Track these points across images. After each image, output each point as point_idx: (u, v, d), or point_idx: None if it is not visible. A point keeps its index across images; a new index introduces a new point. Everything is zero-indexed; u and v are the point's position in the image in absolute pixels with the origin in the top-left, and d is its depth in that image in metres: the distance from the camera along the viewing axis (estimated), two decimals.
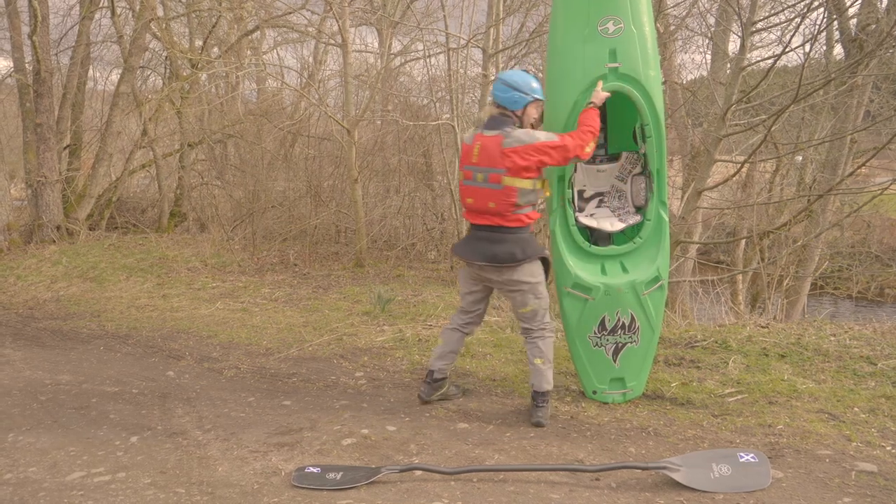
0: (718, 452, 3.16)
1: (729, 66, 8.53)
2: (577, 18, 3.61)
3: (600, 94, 3.60)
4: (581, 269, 3.81)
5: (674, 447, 3.40)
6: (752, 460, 3.03)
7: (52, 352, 5.49)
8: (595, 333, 3.88)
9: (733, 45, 9.78)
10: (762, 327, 5.15)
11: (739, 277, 10.46)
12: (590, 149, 3.52)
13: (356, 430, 3.66)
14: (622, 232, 4.05)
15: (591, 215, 4.10)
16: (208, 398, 4.29)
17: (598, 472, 3.08)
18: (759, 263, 8.55)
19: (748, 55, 6.29)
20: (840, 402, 3.84)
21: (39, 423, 3.86)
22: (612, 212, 4.14)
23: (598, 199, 4.21)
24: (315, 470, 3.12)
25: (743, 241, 10.88)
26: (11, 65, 10.73)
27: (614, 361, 3.94)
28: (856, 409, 3.74)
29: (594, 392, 4.03)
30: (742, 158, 7.49)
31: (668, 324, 6.14)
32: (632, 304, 3.83)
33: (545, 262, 3.74)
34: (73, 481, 3.10)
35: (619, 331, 3.88)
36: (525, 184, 3.49)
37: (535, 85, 3.60)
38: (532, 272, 3.62)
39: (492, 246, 3.59)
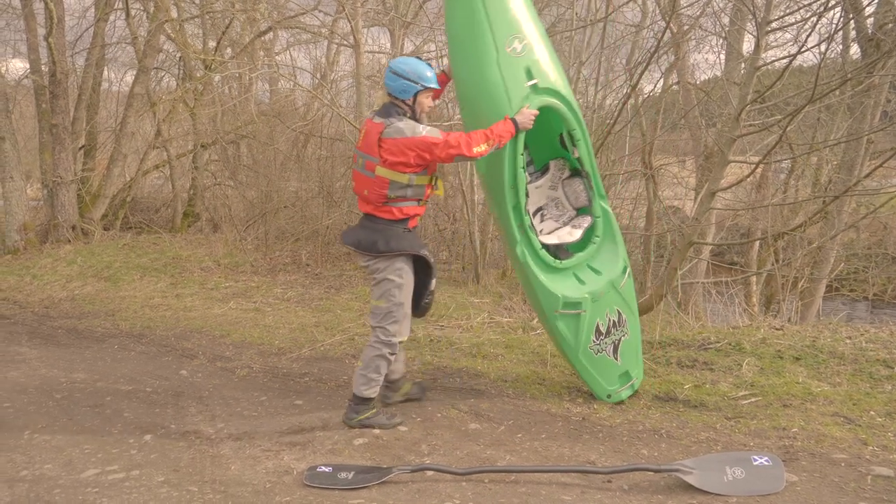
0: (732, 455, 3.13)
1: (743, 65, 8.46)
2: (484, 46, 3.47)
3: (527, 114, 3.49)
4: (564, 288, 3.79)
5: (687, 449, 3.38)
6: (767, 463, 3.00)
7: (68, 350, 5.54)
8: (594, 342, 3.90)
9: (748, 45, 9.73)
10: (777, 329, 5.11)
11: (753, 279, 10.38)
12: (480, 150, 3.34)
13: (368, 430, 3.66)
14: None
15: (550, 233, 4.03)
16: (221, 397, 4.31)
17: (611, 473, 3.06)
18: (773, 265, 8.48)
19: (763, 55, 6.22)
20: (856, 405, 3.80)
21: (55, 420, 3.89)
22: (556, 221, 4.14)
23: (539, 213, 4.23)
24: (327, 469, 3.12)
25: (757, 243, 10.80)
26: (28, 66, 10.85)
27: (616, 359, 3.99)
28: (872, 412, 3.70)
29: (608, 396, 4.02)
30: (756, 159, 7.42)
31: (681, 325, 6.11)
32: (615, 301, 3.92)
33: (427, 266, 3.63)
34: (87, 478, 3.12)
35: (613, 330, 3.95)
36: (399, 177, 3.36)
37: (428, 73, 3.43)
38: (396, 271, 3.50)
39: (361, 231, 3.54)
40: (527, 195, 3.74)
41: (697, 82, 10.99)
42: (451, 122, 9.60)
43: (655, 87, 11.39)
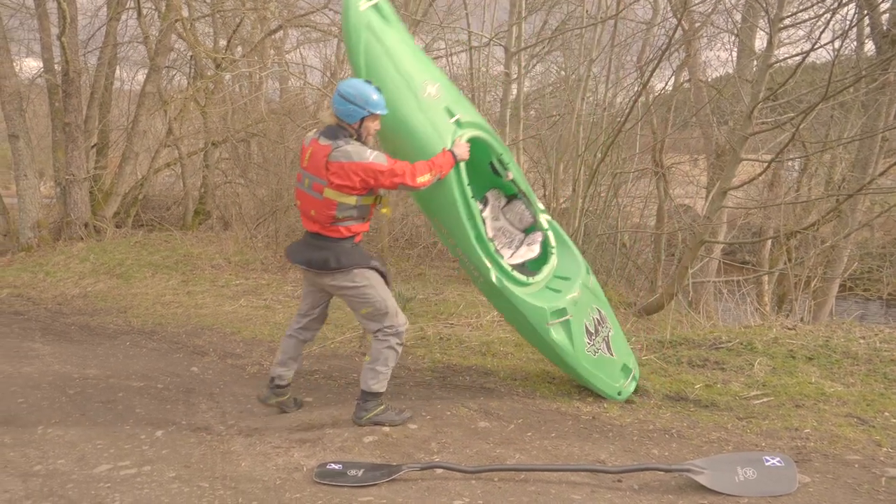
0: (744, 456, 3.11)
1: (756, 63, 8.41)
2: (403, 95, 3.54)
3: (462, 146, 3.59)
4: (546, 301, 3.85)
5: (697, 449, 3.36)
6: (779, 464, 2.98)
7: (80, 346, 5.58)
8: (589, 344, 3.97)
9: (760, 42, 9.67)
10: (789, 329, 5.07)
11: (765, 278, 10.32)
12: (423, 180, 3.40)
13: (377, 428, 3.66)
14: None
15: (509, 258, 4.05)
16: (231, 394, 4.33)
17: (621, 473, 3.05)
18: (785, 264, 8.42)
19: (775, 52, 6.18)
20: (870, 406, 3.77)
21: (68, 416, 3.92)
22: (509, 248, 4.17)
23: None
24: (337, 466, 3.13)
25: (769, 242, 10.73)
26: (41, 65, 10.92)
27: (612, 355, 4.10)
28: (886, 413, 3.67)
29: (619, 393, 4.02)
30: (769, 157, 7.37)
31: (692, 325, 6.08)
32: (591, 300, 4.11)
33: (382, 277, 3.65)
34: (100, 474, 3.14)
35: (600, 328, 4.09)
36: (346, 199, 3.39)
37: (375, 98, 3.39)
38: (353, 277, 3.52)
39: (310, 251, 3.55)
40: (483, 223, 3.82)
41: (709, 80, 10.93)
42: None
43: (666, 84, 11.36)
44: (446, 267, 9.22)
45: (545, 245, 4.11)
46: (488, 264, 3.70)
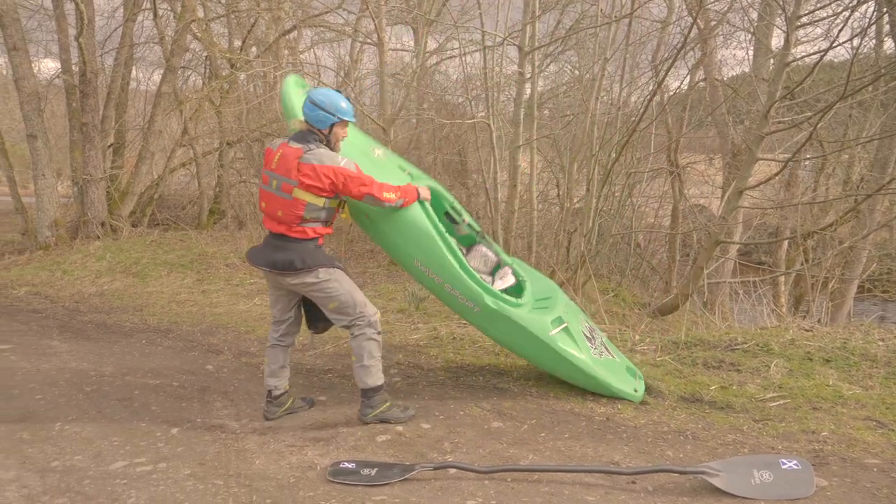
0: (760, 458, 3.08)
1: (772, 61, 8.33)
2: (356, 157, 3.76)
3: (424, 188, 3.90)
4: (542, 314, 4.01)
5: (713, 452, 3.34)
6: (795, 467, 2.95)
7: (97, 344, 5.63)
8: (593, 348, 4.10)
9: (777, 41, 9.59)
10: (806, 330, 5.02)
11: (782, 279, 10.23)
12: (389, 196, 3.58)
13: (391, 427, 3.67)
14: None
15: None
16: (246, 392, 4.36)
17: (635, 474, 3.03)
18: (802, 265, 8.34)
19: (793, 50, 6.12)
20: (889, 409, 3.72)
21: (84, 413, 3.96)
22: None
23: None
24: (350, 465, 3.14)
25: (786, 242, 10.64)
26: (59, 66, 11.03)
27: (614, 357, 4.27)
28: None
29: (635, 390, 4.04)
30: (785, 157, 7.30)
31: (707, 326, 6.04)
32: (576, 310, 4.43)
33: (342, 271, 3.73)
34: (116, 470, 3.17)
35: (594, 333, 4.29)
36: (315, 200, 3.49)
37: (344, 105, 3.59)
38: (317, 274, 3.57)
39: (274, 252, 3.60)
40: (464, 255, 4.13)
41: (725, 79, 10.83)
42: (475, 120, 9.59)
43: (682, 83, 11.28)
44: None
45: (517, 274, 4.34)
46: (480, 290, 3.85)
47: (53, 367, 4.91)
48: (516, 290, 4.24)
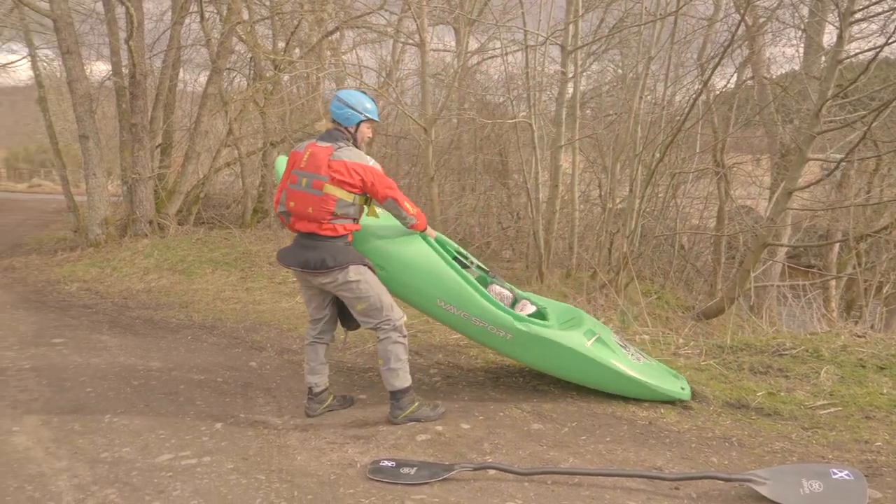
0: (809, 467, 2.98)
1: (824, 59, 8.08)
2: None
3: (431, 231, 4.06)
4: (573, 329, 4.05)
5: (759, 459, 3.25)
6: (847, 478, 2.85)
7: (144, 339, 5.78)
8: (631, 356, 4.09)
9: (829, 37, 9.29)
10: (858, 336, 4.85)
11: (833, 283, 9.93)
12: (410, 209, 3.73)
13: (430, 427, 3.67)
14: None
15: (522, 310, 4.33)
16: (288, 389, 4.41)
17: (678, 480, 2.97)
18: (855, 269, 8.08)
19: (846, 47, 5.94)
20: None
21: (132, 406, 4.06)
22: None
23: None
24: (390, 464, 3.15)
25: (837, 245, 10.31)
26: (110, 68, 11.36)
27: (652, 362, 4.26)
28: None
29: (682, 388, 4.02)
30: (837, 157, 7.08)
31: (753, 330, 5.90)
32: (602, 326, 4.44)
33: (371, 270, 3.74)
34: (162, 463, 3.25)
35: (626, 342, 4.31)
36: (345, 196, 3.54)
37: (369, 105, 3.71)
38: (347, 274, 3.59)
39: (305, 252, 3.62)
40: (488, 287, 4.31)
41: (773, 77, 10.56)
42: (516, 120, 9.54)
43: (728, 82, 11.04)
44: (500, 267, 9.19)
45: (535, 303, 4.41)
46: (509, 317, 3.88)
47: (103, 362, 5.05)
48: (538, 316, 4.28)
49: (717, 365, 4.54)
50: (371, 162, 3.58)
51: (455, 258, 4.44)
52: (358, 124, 3.69)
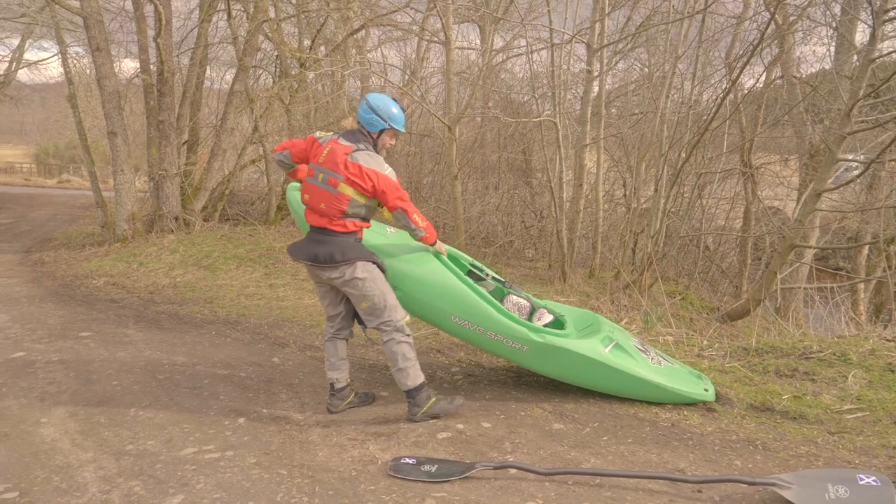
0: (835, 472, 2.93)
1: (856, 58, 7.93)
2: (376, 236, 4.07)
3: (441, 245, 4.05)
4: (590, 337, 4.06)
5: (784, 463, 3.20)
6: (874, 483, 2.79)
7: (170, 334, 5.86)
8: (651, 360, 4.07)
9: (861, 36, 9.12)
10: (888, 341, 4.75)
11: (861, 286, 9.74)
12: (419, 222, 3.71)
13: (451, 425, 3.68)
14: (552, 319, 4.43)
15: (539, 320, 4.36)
16: (310, 385, 4.44)
17: (701, 483, 2.94)
18: (885, 271, 7.92)
19: (878, 46, 5.82)
20: None
21: (157, 399, 4.12)
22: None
23: None
24: (411, 461, 3.16)
25: (866, 247, 10.12)
26: (138, 66, 11.52)
27: (674, 364, 4.23)
28: None
29: (706, 390, 4.00)
30: (869, 158, 6.95)
31: (779, 332, 5.81)
32: (620, 328, 4.49)
33: (381, 269, 3.75)
34: (186, 456, 3.29)
35: (646, 346, 4.28)
36: (358, 196, 3.58)
37: (396, 113, 3.68)
38: (354, 270, 3.61)
39: (315, 246, 3.65)
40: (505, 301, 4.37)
41: (803, 76, 10.39)
42: (541, 118, 9.49)
43: (757, 81, 10.89)
44: (522, 266, 9.16)
45: (553, 312, 4.45)
46: (524, 328, 3.90)
47: (129, 355, 5.13)
48: (556, 325, 4.28)
49: (741, 367, 4.48)
50: (387, 170, 3.59)
51: (470, 272, 4.48)
52: (381, 132, 3.70)
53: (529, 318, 4.36)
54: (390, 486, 2.96)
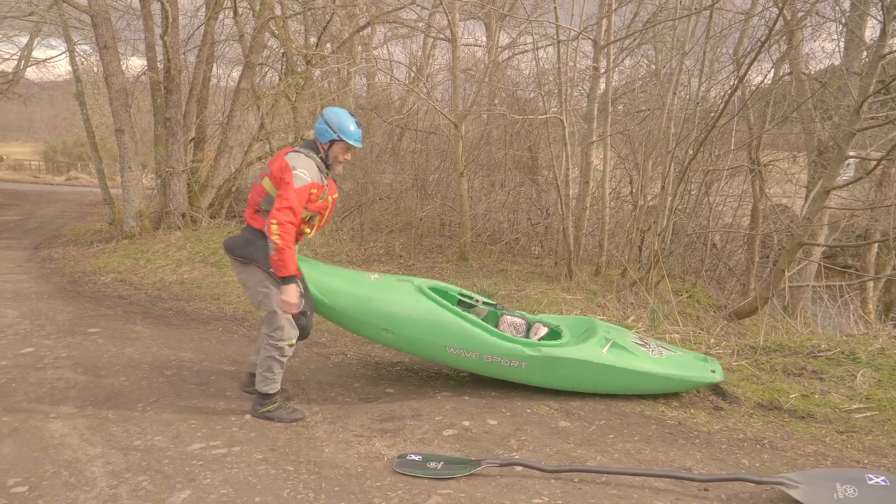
0: (843, 472, 2.92)
1: (866, 54, 7.87)
2: (358, 284, 4.07)
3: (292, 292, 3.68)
4: (586, 341, 4.07)
5: (791, 462, 3.19)
6: (883, 483, 2.78)
7: (177, 330, 5.88)
8: (651, 353, 4.09)
9: (871, 32, 9.05)
10: None
11: (870, 284, 9.69)
12: (275, 234, 3.39)
13: (457, 422, 3.68)
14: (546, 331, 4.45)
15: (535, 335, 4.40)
16: (316, 382, 4.45)
17: (708, 482, 2.93)
18: (894, 269, 7.86)
19: (889, 42, 5.77)
20: None
21: (164, 395, 4.13)
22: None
23: None
24: (417, 458, 3.16)
25: (876, 245, 10.06)
26: (145, 63, 11.56)
27: (676, 353, 4.24)
28: None
29: (712, 371, 4.02)
30: (878, 155, 6.90)
31: (787, 331, 5.79)
32: (617, 327, 4.54)
33: (301, 285, 3.63)
34: (193, 451, 3.30)
35: (646, 341, 4.29)
36: (273, 192, 3.56)
37: (352, 129, 3.68)
38: (259, 282, 3.62)
39: (236, 237, 3.75)
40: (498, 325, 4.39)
41: (812, 72, 10.32)
42: (547, 115, 9.46)
43: (765, 78, 10.83)
44: (528, 263, 9.15)
45: (548, 324, 4.47)
46: (520, 346, 3.94)
47: (137, 351, 5.14)
48: (552, 336, 4.32)
49: (749, 366, 4.46)
50: (300, 171, 3.48)
51: (459, 301, 4.51)
52: (331, 143, 3.69)
53: (527, 335, 4.38)
54: (396, 483, 2.96)
